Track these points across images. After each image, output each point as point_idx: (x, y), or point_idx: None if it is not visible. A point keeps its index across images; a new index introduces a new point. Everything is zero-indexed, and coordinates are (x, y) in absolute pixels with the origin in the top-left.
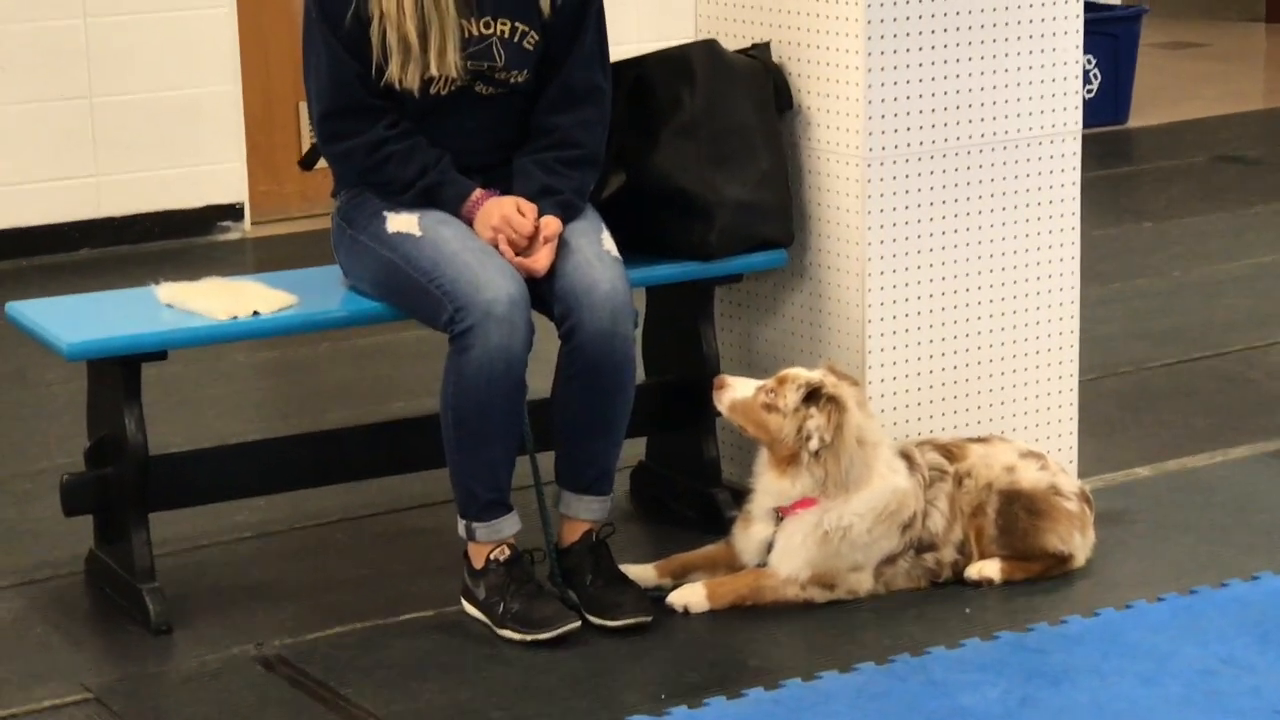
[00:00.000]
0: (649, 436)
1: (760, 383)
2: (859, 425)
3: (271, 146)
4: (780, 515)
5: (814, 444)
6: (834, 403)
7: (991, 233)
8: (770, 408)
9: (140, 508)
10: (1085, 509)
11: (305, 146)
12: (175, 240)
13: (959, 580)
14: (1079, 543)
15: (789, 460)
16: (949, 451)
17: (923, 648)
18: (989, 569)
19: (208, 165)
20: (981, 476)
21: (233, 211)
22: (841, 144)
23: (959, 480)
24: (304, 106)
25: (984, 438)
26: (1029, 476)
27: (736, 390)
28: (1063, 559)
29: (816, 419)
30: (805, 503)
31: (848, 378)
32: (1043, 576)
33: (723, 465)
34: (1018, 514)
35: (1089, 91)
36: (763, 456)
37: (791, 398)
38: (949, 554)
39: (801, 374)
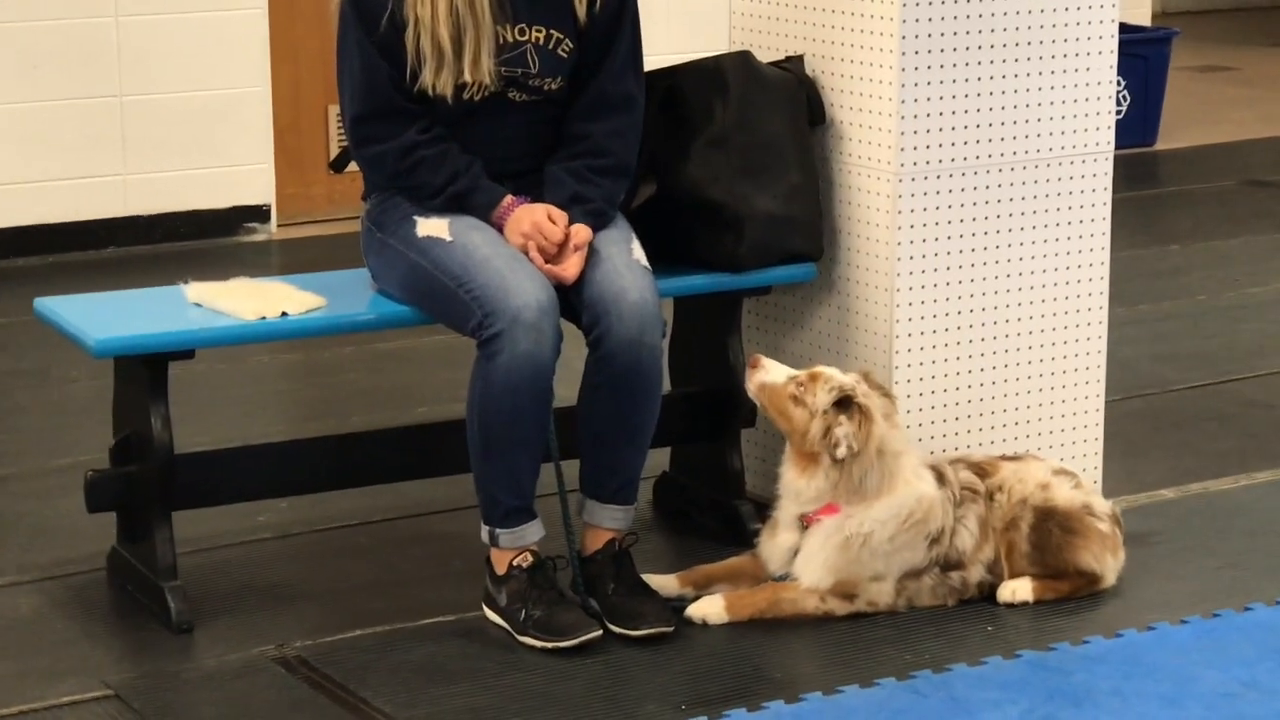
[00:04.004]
0: (674, 447)
1: (791, 371)
2: (881, 436)
3: (299, 148)
4: (805, 523)
5: (841, 451)
6: (864, 413)
7: (1021, 251)
8: (797, 400)
9: (164, 506)
10: (1116, 530)
11: (333, 149)
12: (201, 240)
13: (986, 599)
14: (1110, 564)
15: (809, 458)
16: (981, 469)
17: (944, 665)
18: (1022, 590)
19: (235, 166)
20: (1015, 492)
21: (259, 213)
22: (873, 159)
23: (990, 496)
24: (333, 109)
25: (1016, 455)
26: (1063, 494)
27: (769, 373)
28: (1094, 579)
29: (846, 426)
30: (829, 509)
31: (880, 388)
32: (1072, 596)
33: (747, 477)
34: (1052, 531)
35: (1118, 113)
36: (787, 454)
37: (822, 398)
38: (976, 573)
39: (835, 376)
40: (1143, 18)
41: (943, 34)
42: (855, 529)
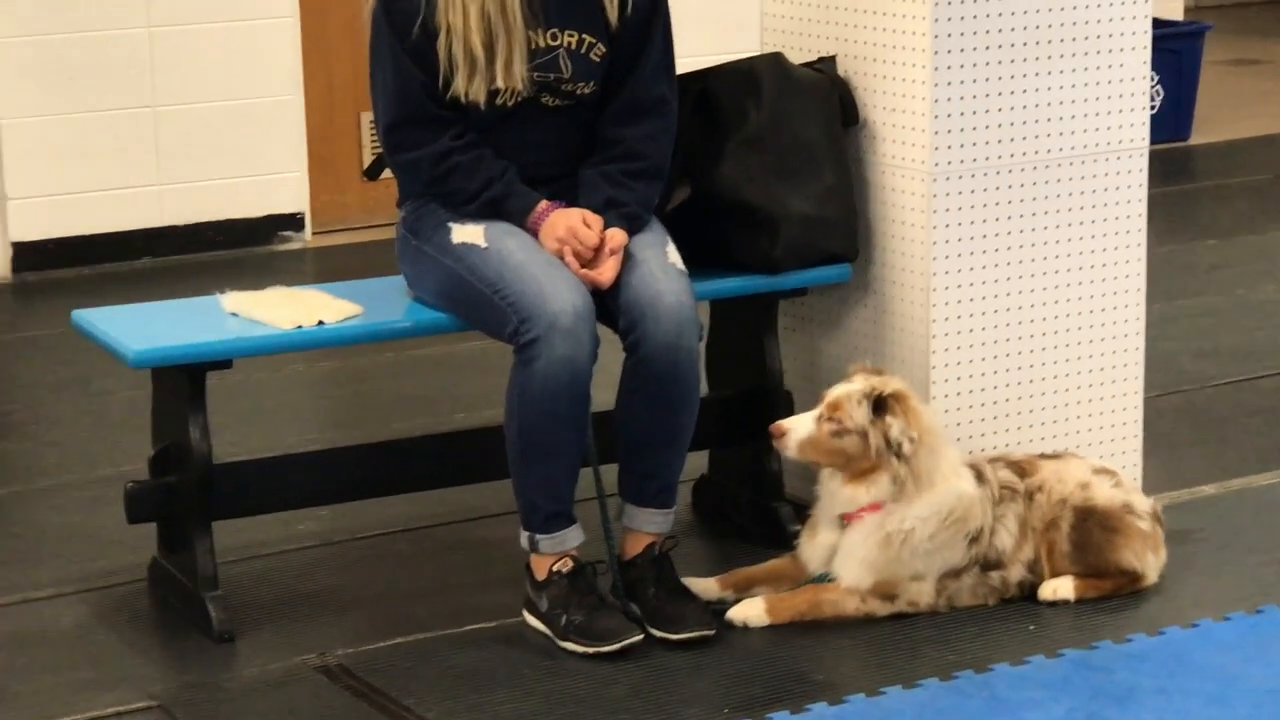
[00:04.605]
0: (711, 449)
1: (814, 414)
2: (926, 412)
3: (333, 156)
4: (845, 521)
5: (907, 446)
6: (900, 400)
7: (1057, 249)
8: (840, 433)
9: (204, 516)
10: (1157, 528)
11: (366, 156)
12: (236, 249)
13: (1027, 598)
14: (1152, 561)
15: (866, 471)
16: (1020, 468)
17: (986, 664)
18: (1064, 588)
19: (269, 174)
20: (1055, 492)
21: (294, 221)
22: (907, 159)
23: (1030, 496)
24: (365, 116)
25: (1056, 454)
26: (1103, 493)
27: (798, 429)
28: (1136, 577)
29: (896, 424)
30: (870, 508)
31: (882, 371)
32: (1114, 594)
33: (785, 479)
34: (1092, 530)
35: (1151, 108)
36: (835, 476)
37: (858, 415)
38: (1017, 573)
39: (852, 388)
40: (1175, 12)
41: (975, 33)
42: (896, 526)
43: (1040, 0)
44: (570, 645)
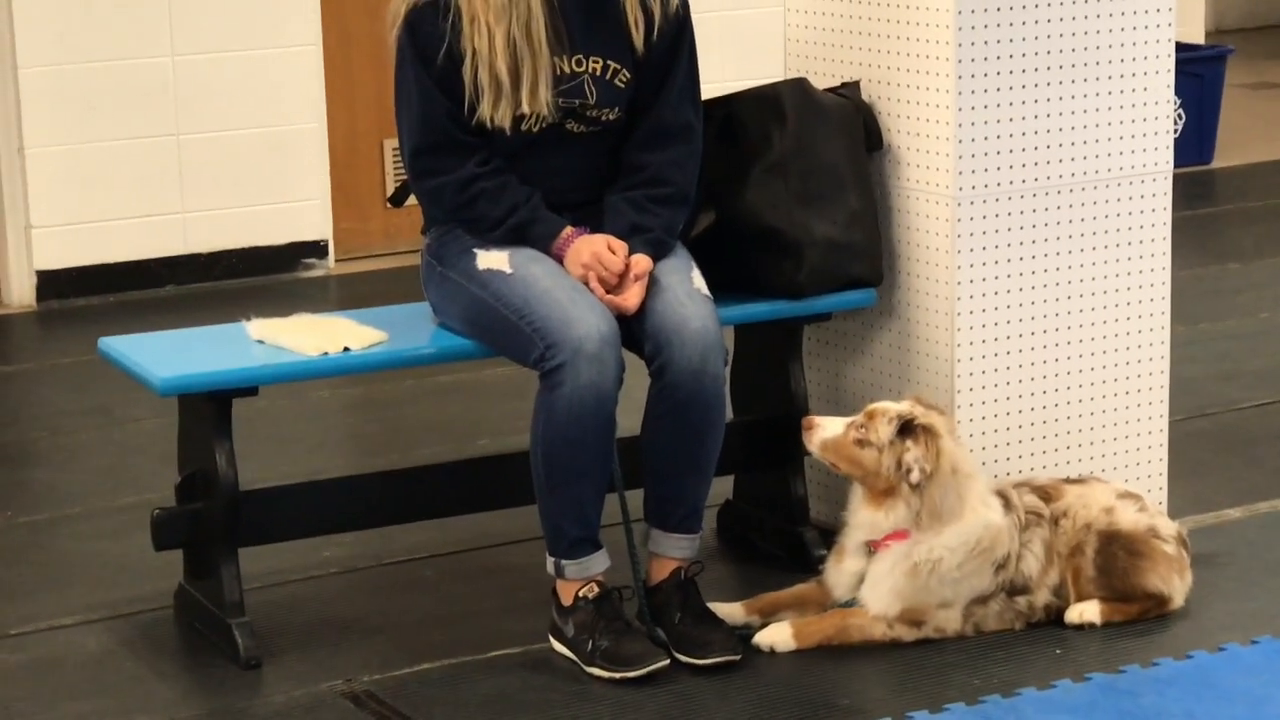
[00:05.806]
0: (737, 474)
1: (848, 419)
2: (953, 453)
3: (356, 183)
4: (872, 549)
5: (915, 476)
6: (929, 432)
7: (1081, 273)
8: (863, 443)
9: (230, 543)
10: (1182, 552)
11: (389, 183)
12: (260, 277)
13: (1053, 622)
14: (1178, 585)
15: (885, 493)
16: (1045, 493)
17: (1013, 689)
18: (1089, 612)
19: (292, 202)
20: (1079, 517)
21: (317, 248)
22: (931, 183)
23: (1055, 521)
24: (389, 144)
25: (1080, 478)
26: (1128, 518)
27: (826, 429)
28: (1162, 600)
29: (914, 451)
30: (897, 535)
31: (935, 407)
32: (1140, 618)
33: (810, 504)
34: (1117, 554)
35: (1174, 131)
36: (856, 492)
37: (884, 431)
38: (1043, 597)
39: (891, 407)
40: (1196, 36)
41: (999, 57)
42: (924, 556)
43: (1063, 25)
44: (596, 671)
